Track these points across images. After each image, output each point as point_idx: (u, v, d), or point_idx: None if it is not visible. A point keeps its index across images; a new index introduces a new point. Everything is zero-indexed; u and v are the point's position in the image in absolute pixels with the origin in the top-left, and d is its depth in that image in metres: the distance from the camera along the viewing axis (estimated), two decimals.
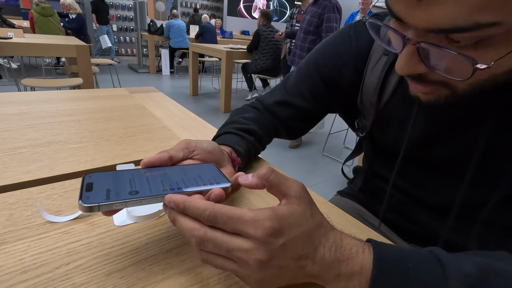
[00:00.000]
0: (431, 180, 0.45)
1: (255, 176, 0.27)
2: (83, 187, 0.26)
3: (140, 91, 1.00)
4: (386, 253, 0.25)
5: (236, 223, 0.23)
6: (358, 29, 0.47)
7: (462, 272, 0.23)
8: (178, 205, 0.25)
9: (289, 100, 0.54)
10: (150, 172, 0.30)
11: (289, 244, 0.23)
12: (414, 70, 0.28)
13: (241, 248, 0.23)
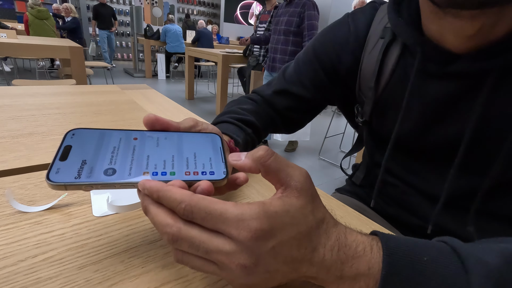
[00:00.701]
0: (426, 168, 0.45)
1: (249, 157, 0.22)
2: (59, 152, 0.22)
3: (132, 88, 0.97)
4: (396, 247, 0.21)
5: (216, 220, 0.19)
6: (355, 16, 0.48)
7: (485, 265, 0.20)
8: (151, 194, 0.21)
9: (289, 88, 0.52)
10: (141, 139, 0.25)
11: (280, 248, 0.20)
12: None
13: (221, 250, 0.19)
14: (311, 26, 2.14)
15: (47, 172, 0.21)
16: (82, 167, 0.22)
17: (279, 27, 2.26)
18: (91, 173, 0.21)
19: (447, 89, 0.37)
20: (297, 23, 2.17)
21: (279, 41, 2.27)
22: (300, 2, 2.16)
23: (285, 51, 2.27)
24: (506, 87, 0.33)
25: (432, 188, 0.45)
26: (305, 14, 2.13)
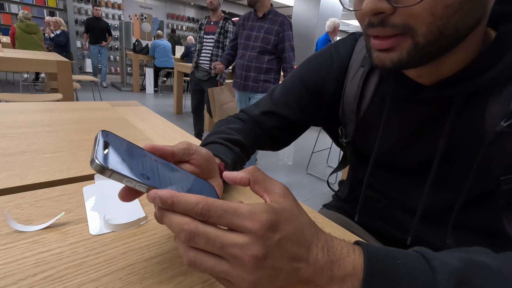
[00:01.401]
0: (405, 184, 0.48)
1: (241, 171, 0.26)
2: (99, 143, 0.23)
3: (123, 105, 0.98)
4: (375, 252, 0.25)
5: (231, 216, 0.22)
6: (338, 47, 0.52)
7: (448, 266, 0.23)
8: (165, 201, 0.22)
9: (276, 110, 0.55)
10: (160, 162, 0.28)
11: (284, 242, 0.22)
12: (378, 6, 0.31)
13: (236, 243, 0.21)
14: (290, 47, 2.06)
15: (94, 155, 0.21)
16: (124, 164, 0.23)
17: (251, 42, 2.07)
18: (131, 171, 0.23)
19: (419, 113, 0.42)
20: (275, 43, 2.04)
21: (253, 58, 2.08)
22: (277, 20, 2.03)
23: (259, 69, 2.11)
24: (470, 111, 0.38)
25: (411, 202, 0.48)
26: (285, 35, 2.02)
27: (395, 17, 0.31)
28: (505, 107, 0.35)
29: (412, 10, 0.30)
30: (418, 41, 0.31)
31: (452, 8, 0.29)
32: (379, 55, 0.34)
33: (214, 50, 2.52)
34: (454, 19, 0.30)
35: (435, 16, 0.29)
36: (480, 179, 0.40)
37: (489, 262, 0.24)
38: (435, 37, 0.31)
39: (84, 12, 6.78)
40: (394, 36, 0.32)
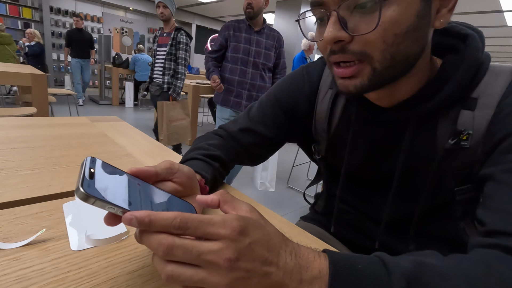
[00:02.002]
0: (373, 197, 0.53)
1: (214, 194, 0.29)
2: (85, 170, 0.25)
3: (103, 120, 0.98)
4: (339, 258, 0.27)
5: (207, 225, 0.24)
6: (309, 69, 0.57)
7: (401, 268, 0.26)
8: (142, 220, 0.24)
9: (253, 127, 0.58)
10: (142, 186, 0.30)
11: (254, 245, 0.25)
12: (338, 34, 0.35)
13: (211, 250, 0.23)
14: (283, 64, 2.01)
15: (79, 183, 0.23)
16: (107, 190, 0.25)
17: (252, 58, 1.88)
18: (114, 197, 0.25)
19: (380, 132, 0.47)
20: (273, 59, 1.97)
21: (256, 77, 1.92)
22: (274, 35, 1.93)
23: (264, 88, 1.95)
24: (423, 131, 0.43)
25: (378, 213, 0.52)
26: (281, 51, 1.98)
27: (353, 45, 0.35)
28: (452, 127, 0.40)
29: (367, 38, 0.34)
30: (375, 67, 0.36)
31: (400, 36, 0.34)
32: (343, 82, 0.39)
33: (166, 63, 2.34)
34: (403, 46, 0.35)
35: (387, 43, 0.34)
36: (435, 192, 0.45)
37: (437, 263, 0.27)
38: (389, 62, 0.36)
39: (61, 25, 6.65)
40: (355, 65, 0.36)
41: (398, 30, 0.34)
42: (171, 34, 2.31)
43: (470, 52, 0.39)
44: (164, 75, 2.36)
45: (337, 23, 0.34)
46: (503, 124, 0.36)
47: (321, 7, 0.36)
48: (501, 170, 0.34)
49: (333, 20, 0.35)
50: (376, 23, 0.33)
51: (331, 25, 0.35)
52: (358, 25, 0.34)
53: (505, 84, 0.38)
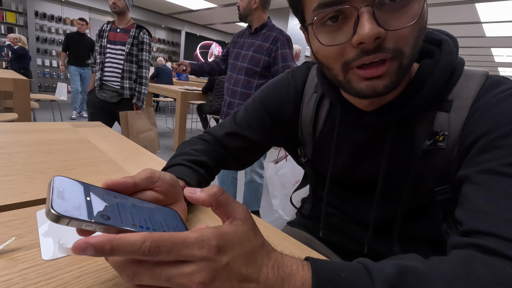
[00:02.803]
0: (358, 199, 0.53)
1: (204, 192, 0.26)
2: (53, 191, 0.23)
3: (86, 126, 0.96)
4: (322, 267, 0.27)
5: (181, 248, 0.22)
6: (294, 74, 0.57)
7: (385, 274, 0.26)
8: (102, 248, 0.20)
9: (239, 131, 0.58)
10: (119, 199, 0.28)
11: (233, 264, 0.23)
12: (377, 31, 0.32)
13: (183, 273, 0.22)
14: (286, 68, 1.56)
15: (49, 205, 0.22)
16: (81, 208, 0.23)
17: (239, 63, 1.68)
18: (90, 215, 0.23)
19: (364, 135, 0.47)
20: (265, 63, 1.61)
21: (239, 83, 1.68)
22: (271, 35, 1.61)
23: (247, 96, 1.68)
24: (403, 133, 0.44)
25: (364, 216, 0.52)
26: (278, 54, 1.58)
27: (388, 42, 0.33)
28: (429, 128, 0.41)
29: (401, 33, 0.33)
30: (402, 63, 0.35)
31: (421, 30, 0.35)
32: (370, 83, 0.36)
33: (126, 65, 1.95)
34: (420, 41, 0.35)
35: (414, 37, 0.34)
36: (416, 192, 0.45)
37: (418, 266, 0.27)
38: (412, 57, 0.35)
39: (47, 30, 6.53)
40: (385, 62, 0.35)
41: (422, 24, 0.34)
42: (129, 31, 1.95)
43: (445, 56, 0.40)
44: (124, 79, 1.96)
45: (373, 19, 0.32)
46: (476, 125, 0.37)
47: (344, 4, 0.33)
48: (476, 171, 0.34)
49: (368, 16, 0.32)
50: (415, 15, 0.32)
51: (367, 21, 0.32)
52: (391, 19, 0.33)
53: (477, 86, 0.39)
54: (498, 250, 0.28)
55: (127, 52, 1.93)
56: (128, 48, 1.93)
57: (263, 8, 1.63)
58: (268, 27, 1.64)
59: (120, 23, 1.95)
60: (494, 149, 0.34)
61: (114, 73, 1.97)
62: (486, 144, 0.35)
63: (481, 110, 0.37)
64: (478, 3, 4.01)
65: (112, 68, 1.96)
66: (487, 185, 0.33)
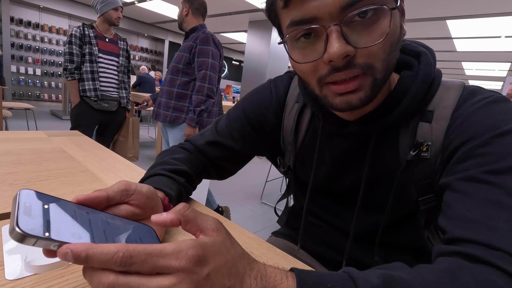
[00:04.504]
0: (340, 209, 0.53)
1: (170, 212, 0.26)
2: (19, 206, 0.21)
3: (61, 135, 0.91)
4: (307, 278, 0.26)
5: (156, 258, 0.21)
6: (276, 83, 0.57)
7: (370, 283, 0.26)
8: (78, 255, 0.20)
9: (220, 140, 0.57)
10: (92, 214, 0.26)
11: (214, 275, 0.22)
12: (346, 49, 0.32)
13: (161, 285, 0.21)
14: (201, 63, 1.61)
15: (14, 222, 0.19)
16: (50, 226, 0.21)
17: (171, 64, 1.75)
18: (60, 234, 0.21)
19: (346, 145, 0.47)
20: (186, 60, 1.65)
21: (166, 81, 1.74)
22: (195, 35, 1.67)
23: (170, 94, 1.70)
24: (385, 143, 0.44)
25: (347, 226, 0.52)
26: (197, 50, 1.61)
27: (358, 58, 0.34)
28: (412, 138, 0.42)
29: (371, 49, 0.34)
30: (376, 77, 0.36)
31: (393, 45, 0.35)
32: (345, 98, 0.36)
33: (121, 75, 2.06)
34: (393, 55, 0.36)
35: (386, 53, 0.35)
36: (400, 202, 0.46)
37: (404, 276, 0.27)
38: (385, 71, 0.36)
39: (23, 36, 6.30)
40: (357, 78, 0.35)
41: (393, 39, 0.35)
42: (117, 42, 2.04)
43: (424, 68, 0.41)
44: (121, 89, 2.09)
45: (341, 38, 0.33)
46: (456, 134, 0.38)
47: (313, 23, 0.33)
48: (457, 179, 0.35)
49: (337, 35, 0.32)
50: (383, 32, 0.33)
51: (336, 40, 0.32)
52: (360, 37, 0.33)
53: (456, 97, 0.40)
54: (482, 257, 0.28)
55: (121, 63, 2.04)
56: (123, 60, 2.06)
57: (194, 14, 1.73)
58: (197, 30, 1.71)
59: (107, 33, 1.99)
60: (473, 157, 0.35)
61: (110, 83, 2.02)
62: (466, 152, 0.36)
63: (460, 120, 0.38)
64: (449, 20, 4.27)
65: (108, 78, 2.00)
66: (469, 193, 0.33)
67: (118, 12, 1.95)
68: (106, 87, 1.99)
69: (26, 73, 6.51)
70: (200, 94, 1.62)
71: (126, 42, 2.10)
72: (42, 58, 6.73)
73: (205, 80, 1.61)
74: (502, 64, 6.78)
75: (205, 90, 1.62)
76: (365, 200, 0.47)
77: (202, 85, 1.61)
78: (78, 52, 1.90)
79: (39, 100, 6.92)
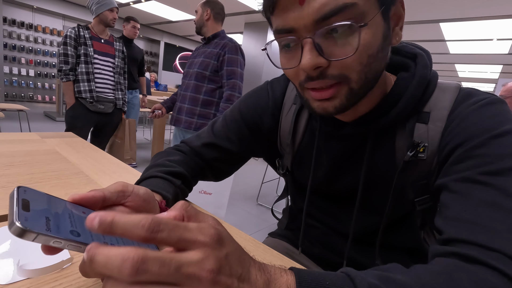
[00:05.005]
0: (339, 210, 0.53)
1: (171, 209, 0.25)
2: (18, 202, 0.21)
3: (55, 136, 0.90)
4: (306, 276, 0.26)
5: (183, 230, 0.21)
6: (274, 85, 0.57)
7: (368, 282, 0.26)
8: (104, 220, 0.20)
9: (217, 142, 0.57)
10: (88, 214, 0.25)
11: (231, 257, 0.23)
12: (317, 61, 0.34)
13: (192, 261, 0.20)
14: (231, 72, 1.63)
15: (13, 217, 0.19)
16: (49, 223, 0.21)
17: (191, 69, 1.72)
18: (59, 230, 0.21)
19: (343, 146, 0.47)
20: (213, 67, 1.65)
21: (189, 87, 1.70)
22: (221, 42, 1.67)
23: (195, 100, 1.69)
24: (382, 144, 0.44)
25: (345, 228, 0.52)
26: (225, 58, 1.63)
27: (331, 69, 0.35)
28: (409, 139, 0.42)
29: (345, 62, 0.35)
30: (352, 87, 0.37)
31: (372, 57, 0.35)
32: (321, 104, 0.38)
33: (117, 77, 2.04)
34: (374, 65, 0.36)
35: (362, 64, 0.35)
36: (397, 203, 0.46)
37: (400, 278, 0.27)
38: (363, 81, 0.37)
39: (16, 37, 6.22)
40: (332, 86, 0.36)
41: (371, 51, 0.35)
42: (113, 43, 2.02)
43: (420, 70, 0.42)
44: (117, 91, 2.06)
45: (313, 50, 0.34)
46: (453, 135, 0.38)
47: (291, 34, 0.35)
48: (454, 180, 0.36)
49: (309, 47, 0.34)
50: (353, 47, 0.33)
51: (308, 52, 0.34)
52: (334, 49, 0.34)
53: (452, 98, 0.41)
54: (478, 258, 0.28)
55: (117, 64, 2.02)
56: (119, 62, 2.04)
57: (215, 19, 1.73)
58: (220, 36, 1.72)
59: (103, 34, 1.98)
60: (470, 158, 0.35)
61: (107, 85, 1.99)
62: (462, 154, 0.36)
63: (456, 121, 0.39)
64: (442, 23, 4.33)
65: (104, 79, 1.97)
66: (465, 194, 0.33)
67: (113, 13, 1.95)
68: (102, 88, 1.97)
69: (19, 74, 6.43)
70: (230, 103, 1.63)
71: (122, 43, 2.10)
72: (36, 59, 6.65)
73: (235, 89, 1.64)
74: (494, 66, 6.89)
75: (235, 99, 1.64)
76: (363, 202, 0.47)
77: (232, 94, 1.64)
78: (73, 53, 1.87)
79: (33, 101, 6.83)
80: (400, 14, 0.38)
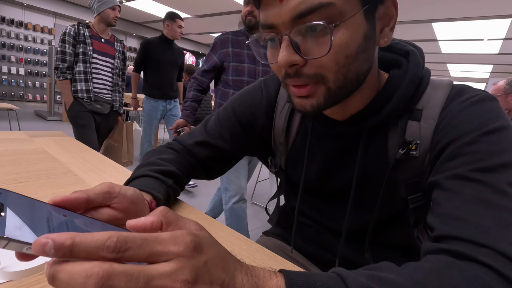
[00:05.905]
0: (331, 209, 0.53)
1: (150, 215, 0.23)
2: None
3: (44, 135, 0.88)
4: (296, 278, 0.26)
5: (153, 244, 0.20)
6: (267, 83, 0.57)
7: (360, 282, 0.26)
8: (61, 245, 0.18)
9: (210, 141, 0.56)
10: (69, 218, 0.25)
11: (211, 264, 0.21)
12: (292, 58, 0.34)
13: (163, 273, 0.19)
14: None
15: None
16: (22, 228, 0.20)
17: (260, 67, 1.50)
18: (34, 236, 0.20)
19: (336, 145, 0.47)
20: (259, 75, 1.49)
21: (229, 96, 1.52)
22: None
23: None
24: (375, 142, 0.44)
25: (337, 225, 0.52)
26: None
27: (307, 68, 0.35)
28: (401, 137, 0.42)
29: (320, 61, 0.34)
30: (330, 87, 0.36)
31: (350, 57, 0.35)
32: (300, 101, 0.38)
33: (115, 78, 1.99)
34: (354, 66, 0.36)
35: (339, 65, 0.35)
36: (389, 201, 0.46)
37: (392, 277, 0.27)
38: (342, 82, 0.36)
39: (5, 34, 6.10)
40: (309, 85, 0.36)
41: (349, 52, 0.34)
42: (113, 44, 1.96)
43: (413, 67, 0.41)
44: (114, 92, 2.01)
45: (290, 47, 0.34)
46: (444, 133, 0.38)
47: (272, 30, 0.35)
48: (446, 177, 0.35)
49: (286, 44, 0.34)
50: (328, 47, 0.33)
51: (284, 49, 0.34)
52: (310, 48, 0.34)
53: (444, 95, 0.40)
54: (470, 255, 0.28)
55: (116, 66, 1.97)
56: (119, 63, 1.98)
57: None
58: None
59: (103, 33, 1.91)
60: (461, 155, 0.35)
61: (104, 85, 1.94)
62: (454, 151, 0.36)
63: (448, 118, 0.39)
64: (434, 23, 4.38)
65: (102, 80, 1.92)
66: (456, 191, 0.33)
67: (115, 12, 1.88)
68: (99, 89, 1.92)
69: (9, 73, 6.31)
70: None
71: (123, 44, 2.03)
72: (26, 57, 6.53)
73: None
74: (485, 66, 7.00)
75: None
76: (356, 200, 0.47)
77: None
78: (71, 51, 1.80)
79: (23, 100, 6.71)
80: (391, 14, 0.38)
